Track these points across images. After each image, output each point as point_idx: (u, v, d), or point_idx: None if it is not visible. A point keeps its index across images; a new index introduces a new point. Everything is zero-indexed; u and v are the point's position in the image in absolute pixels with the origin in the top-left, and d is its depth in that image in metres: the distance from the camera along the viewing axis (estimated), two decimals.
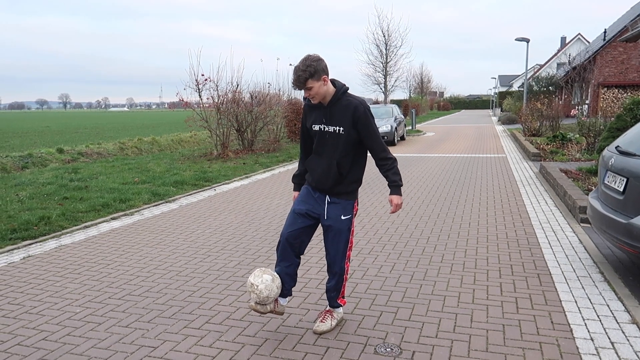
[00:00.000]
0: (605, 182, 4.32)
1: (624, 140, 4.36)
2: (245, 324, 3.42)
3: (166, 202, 7.90)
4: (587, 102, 28.65)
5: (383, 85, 30.33)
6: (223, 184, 9.65)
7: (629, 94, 26.35)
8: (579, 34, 50.14)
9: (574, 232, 5.55)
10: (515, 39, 26.41)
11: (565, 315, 3.42)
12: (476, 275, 4.27)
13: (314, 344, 3.12)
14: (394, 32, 33.20)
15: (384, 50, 29.51)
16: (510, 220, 6.20)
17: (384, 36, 29.28)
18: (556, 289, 3.90)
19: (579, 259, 4.64)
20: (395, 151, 15.65)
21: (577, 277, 4.16)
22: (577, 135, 14.42)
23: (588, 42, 45.87)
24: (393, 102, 34.20)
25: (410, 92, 52.51)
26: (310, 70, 2.95)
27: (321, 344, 3.11)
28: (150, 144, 20.03)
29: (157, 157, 14.73)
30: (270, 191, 8.74)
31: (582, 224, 5.86)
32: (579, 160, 10.97)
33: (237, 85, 14.74)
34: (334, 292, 3.31)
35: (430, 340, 3.12)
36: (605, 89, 27.18)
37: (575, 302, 3.64)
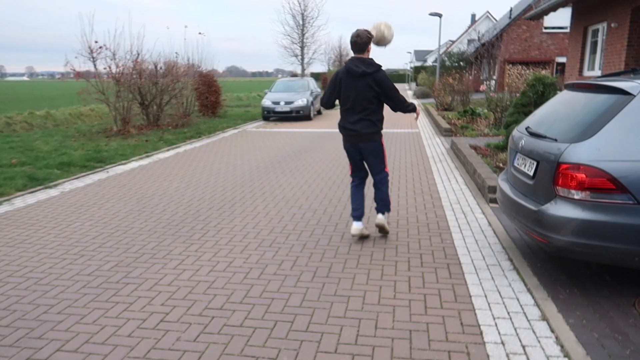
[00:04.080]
0: (515, 164, 4.11)
1: (534, 120, 4.16)
2: (108, 349, 2.80)
3: (45, 188, 6.89)
4: (494, 77, 29.90)
5: (300, 57, 29.67)
6: (118, 165, 8.70)
7: (531, 70, 27.77)
8: (487, 11, 52.20)
9: (484, 214, 5.41)
10: (429, 14, 26.75)
11: (475, 313, 3.15)
12: (384, 268, 3.93)
13: (196, 340, 2.59)
14: (310, 2, 32.40)
15: (300, 21, 28.78)
16: (422, 201, 5.97)
17: (300, 6, 28.50)
18: (466, 281, 3.65)
19: (489, 244, 4.46)
20: (311, 126, 15.22)
21: (487, 265, 3.94)
22: (486, 110, 14.79)
23: (496, 19, 47.87)
24: (312, 75, 33.70)
25: (329, 66, 52.24)
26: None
27: (203, 340, 2.59)
28: (44, 118, 17.96)
29: (47, 134, 13.21)
30: (170, 172, 7.96)
31: (491, 205, 5.75)
32: (487, 135, 11.16)
33: (138, 55, 13.47)
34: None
35: (330, 357, 2.70)
36: (511, 65, 28.47)
37: (485, 296, 3.39)
